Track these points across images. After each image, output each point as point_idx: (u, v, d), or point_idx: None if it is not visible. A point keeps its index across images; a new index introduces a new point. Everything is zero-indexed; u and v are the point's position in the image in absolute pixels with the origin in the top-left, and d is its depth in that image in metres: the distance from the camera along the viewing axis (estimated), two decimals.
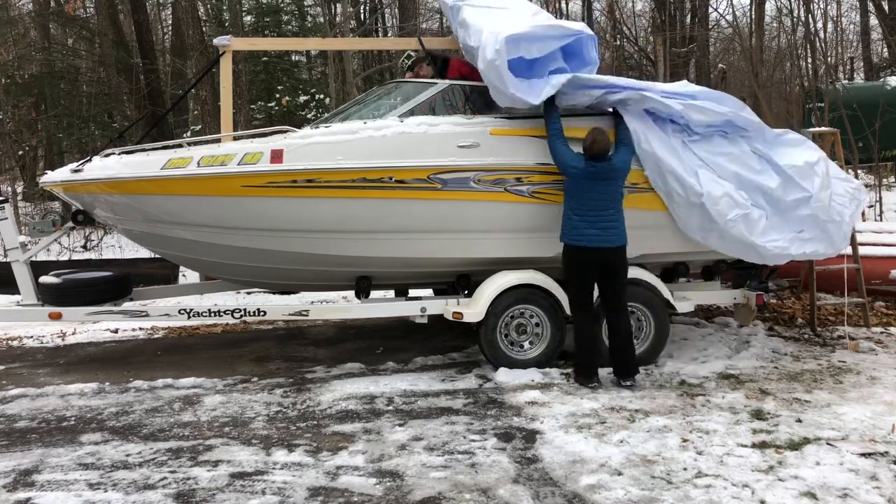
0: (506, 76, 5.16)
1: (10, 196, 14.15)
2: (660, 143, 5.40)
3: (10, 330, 7.68)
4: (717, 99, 5.63)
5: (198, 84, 11.58)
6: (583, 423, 4.36)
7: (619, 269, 5.18)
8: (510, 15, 5.57)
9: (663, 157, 5.37)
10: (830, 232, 5.67)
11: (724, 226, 5.40)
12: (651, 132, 5.42)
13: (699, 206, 5.40)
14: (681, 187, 5.39)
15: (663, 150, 5.39)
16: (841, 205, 5.73)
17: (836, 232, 5.71)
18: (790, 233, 5.61)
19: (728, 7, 27.92)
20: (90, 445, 4.27)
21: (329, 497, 3.52)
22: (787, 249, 5.58)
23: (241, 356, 6.39)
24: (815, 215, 5.57)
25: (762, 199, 5.54)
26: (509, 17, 5.50)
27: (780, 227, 5.58)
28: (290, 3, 17.01)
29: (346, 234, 5.46)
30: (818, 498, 3.36)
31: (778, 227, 5.57)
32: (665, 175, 5.40)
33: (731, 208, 5.39)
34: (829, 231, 5.66)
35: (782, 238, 5.57)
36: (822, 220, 5.60)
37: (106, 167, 5.57)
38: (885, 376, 5.22)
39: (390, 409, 4.79)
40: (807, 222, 5.61)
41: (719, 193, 5.37)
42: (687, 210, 5.47)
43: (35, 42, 16.90)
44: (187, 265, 7.03)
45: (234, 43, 6.32)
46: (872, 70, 20.28)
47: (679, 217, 5.54)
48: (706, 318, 7.23)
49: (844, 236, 5.82)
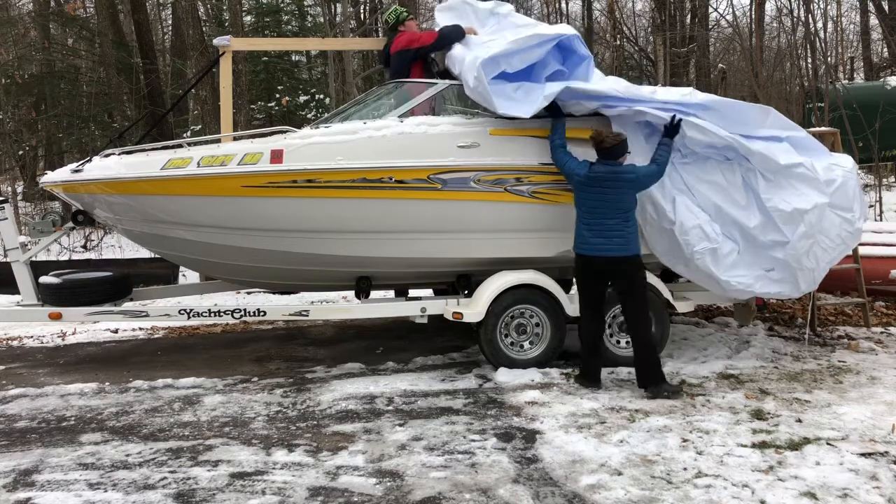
0: (492, 100, 5.24)
1: (10, 196, 14.16)
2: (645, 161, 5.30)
3: (10, 330, 7.68)
4: (736, 111, 5.47)
5: (198, 84, 11.58)
6: (583, 423, 4.36)
7: (623, 280, 5.02)
8: (494, 40, 5.62)
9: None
10: (798, 278, 5.47)
11: (690, 256, 5.33)
12: (641, 148, 5.39)
13: (669, 233, 5.34)
14: (654, 211, 5.35)
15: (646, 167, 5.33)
16: (824, 249, 5.46)
17: (804, 278, 5.48)
18: (759, 270, 5.46)
19: (728, 7, 27.92)
20: (90, 445, 4.27)
21: (329, 497, 3.52)
22: (750, 286, 5.44)
23: (241, 356, 6.39)
24: (786, 261, 5.39)
25: (737, 233, 5.43)
26: (490, 42, 5.56)
27: (749, 264, 5.45)
28: (290, 3, 17.02)
29: (346, 235, 5.46)
30: (818, 498, 3.36)
31: (747, 263, 5.44)
32: (642, 196, 5.24)
33: (699, 240, 5.29)
34: (797, 277, 5.46)
35: (748, 275, 5.42)
36: (793, 267, 5.41)
37: (106, 167, 5.57)
38: (885, 376, 5.22)
39: (390, 409, 4.79)
40: (778, 263, 5.45)
41: (691, 224, 5.28)
42: (657, 233, 5.44)
43: (35, 42, 16.90)
44: (187, 265, 7.03)
45: (234, 43, 6.33)
46: (872, 70, 20.28)
47: (649, 237, 5.50)
48: (706, 318, 7.23)
49: (813, 282, 5.59)
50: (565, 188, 5.44)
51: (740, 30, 14.96)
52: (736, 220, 5.40)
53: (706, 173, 5.46)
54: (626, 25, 21.19)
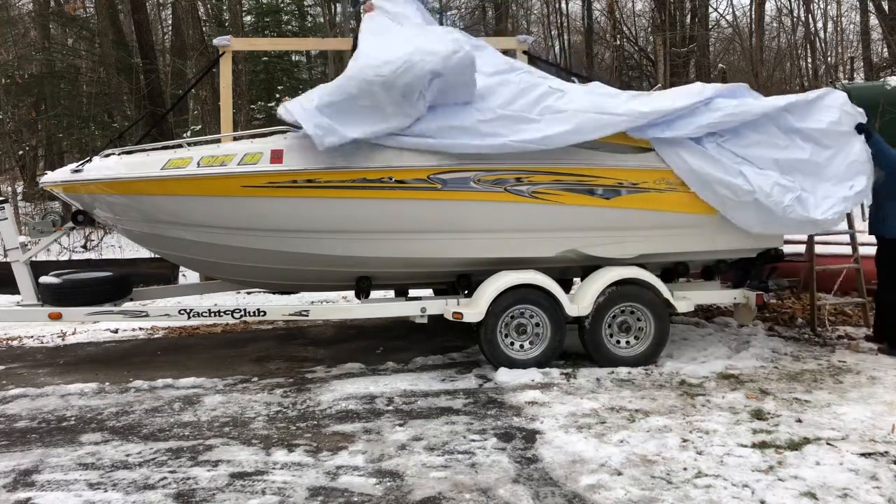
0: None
1: (10, 196, 14.16)
2: (696, 158, 5.47)
3: (10, 330, 7.69)
4: (730, 94, 5.70)
5: (198, 84, 11.59)
6: (583, 423, 4.36)
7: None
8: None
9: (705, 171, 5.45)
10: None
11: (782, 213, 5.49)
12: (684, 148, 5.50)
13: (752, 203, 5.48)
14: (729, 191, 5.46)
15: (701, 163, 5.46)
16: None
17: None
18: (838, 189, 5.65)
19: (728, 7, 27.91)
20: (90, 445, 4.27)
21: (329, 497, 3.52)
22: (844, 207, 5.65)
23: (241, 356, 6.40)
24: (856, 161, 5.66)
25: (800, 172, 5.63)
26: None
27: (827, 190, 5.63)
28: (290, 3, 17.01)
29: (346, 234, 5.46)
30: (818, 498, 3.36)
31: (826, 191, 5.63)
32: (713, 186, 5.47)
33: (784, 194, 5.48)
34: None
35: (834, 198, 5.62)
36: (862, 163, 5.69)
37: (106, 167, 5.58)
38: (885, 376, 5.22)
39: (390, 408, 4.79)
40: (854, 170, 5.67)
41: (769, 185, 5.46)
42: (742, 210, 5.55)
43: (35, 42, 16.92)
44: (187, 265, 7.03)
45: (234, 43, 6.33)
46: (872, 70, 20.27)
47: (736, 219, 5.61)
48: (706, 318, 7.24)
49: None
50: (565, 188, 5.44)
51: (740, 30, 14.98)
52: (793, 160, 5.59)
53: (746, 139, 5.62)
54: (626, 25, 21.19)
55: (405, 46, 5.10)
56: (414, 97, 5.05)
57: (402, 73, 4.93)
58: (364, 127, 5.08)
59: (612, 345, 5.64)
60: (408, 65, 4.94)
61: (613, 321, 5.65)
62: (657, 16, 19.91)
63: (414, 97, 5.05)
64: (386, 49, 5.12)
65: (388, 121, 5.11)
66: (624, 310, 5.65)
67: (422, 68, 4.96)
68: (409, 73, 4.94)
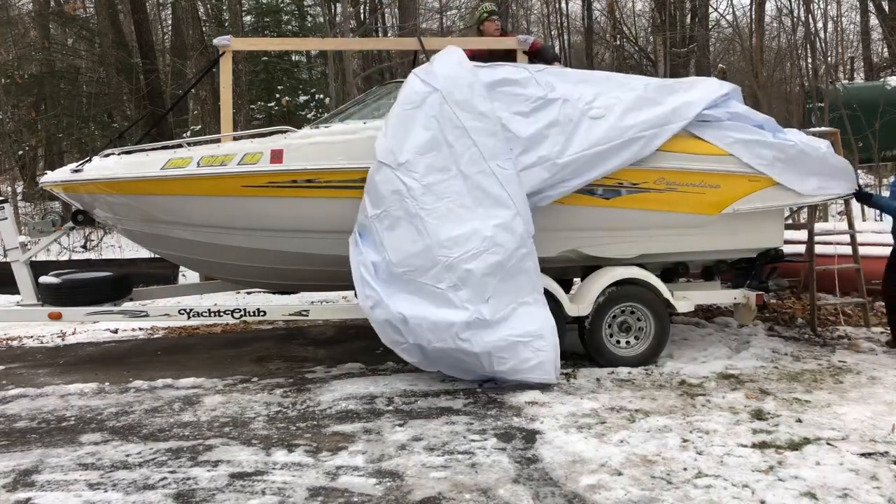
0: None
1: (10, 196, 14.16)
2: (738, 132, 5.64)
3: (10, 330, 7.68)
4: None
5: (198, 84, 11.59)
6: (583, 423, 4.36)
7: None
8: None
9: (750, 138, 5.64)
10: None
11: (822, 157, 5.81)
12: (723, 127, 5.65)
13: (799, 156, 5.69)
14: (777, 150, 5.64)
15: (743, 134, 5.65)
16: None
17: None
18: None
19: (728, 7, 27.90)
20: (90, 445, 4.27)
21: (329, 497, 3.51)
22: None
23: (241, 356, 6.39)
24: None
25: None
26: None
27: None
28: (290, 3, 17.00)
29: (346, 235, 5.45)
30: (818, 498, 3.36)
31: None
32: (759, 150, 5.61)
33: (814, 142, 5.88)
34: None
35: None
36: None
37: (106, 167, 5.58)
38: (885, 376, 5.22)
39: (390, 409, 4.79)
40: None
41: (798, 137, 5.84)
42: (792, 168, 5.69)
43: (35, 42, 16.92)
44: (187, 265, 7.04)
45: (234, 43, 6.32)
46: (872, 70, 20.28)
47: (791, 181, 5.71)
48: (706, 318, 7.23)
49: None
50: None
51: (740, 30, 14.96)
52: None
53: (743, 122, 5.81)
54: (626, 25, 21.19)
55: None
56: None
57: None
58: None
59: (613, 345, 5.64)
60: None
61: (613, 321, 5.65)
62: (657, 16, 19.91)
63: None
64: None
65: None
66: (624, 310, 5.65)
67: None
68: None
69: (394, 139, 5.06)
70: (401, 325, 4.87)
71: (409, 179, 4.94)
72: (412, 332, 4.85)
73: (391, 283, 4.93)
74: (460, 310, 4.82)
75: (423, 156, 5.01)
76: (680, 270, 6.17)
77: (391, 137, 5.07)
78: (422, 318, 4.82)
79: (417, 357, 5.01)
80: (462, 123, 5.07)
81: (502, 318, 4.86)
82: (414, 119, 5.10)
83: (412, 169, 4.96)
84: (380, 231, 4.96)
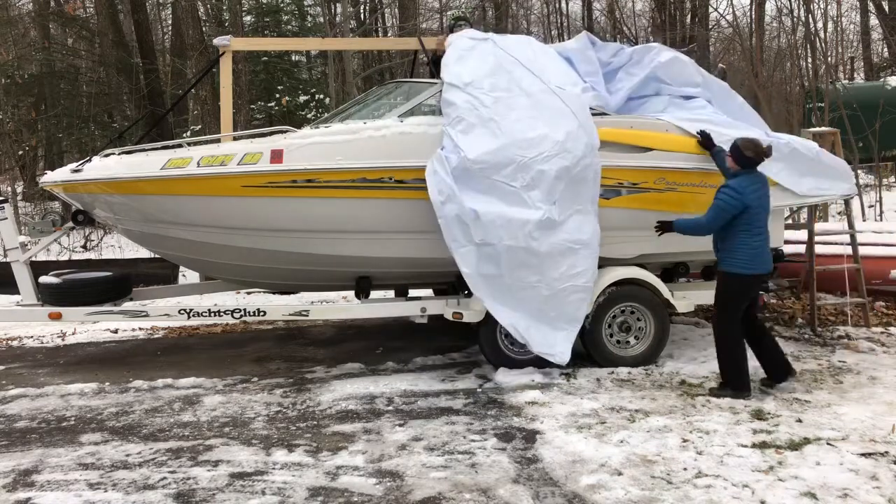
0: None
1: (10, 196, 14.15)
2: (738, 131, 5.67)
3: (10, 330, 7.68)
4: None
5: (198, 84, 11.58)
6: (583, 423, 4.36)
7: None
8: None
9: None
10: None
11: (816, 157, 5.91)
12: (727, 129, 5.76)
13: (791, 155, 5.78)
14: (773, 151, 5.57)
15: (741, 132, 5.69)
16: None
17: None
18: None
19: (728, 7, 27.90)
20: (90, 445, 4.27)
21: (329, 497, 3.52)
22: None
23: (241, 356, 6.39)
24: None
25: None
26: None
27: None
28: (290, 3, 17.00)
29: (345, 234, 5.46)
30: (818, 498, 3.36)
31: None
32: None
33: (808, 141, 6.09)
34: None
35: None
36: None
37: (106, 167, 5.57)
38: (885, 376, 5.22)
39: (390, 409, 4.79)
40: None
41: (789, 137, 6.03)
42: (790, 168, 5.76)
43: (35, 42, 16.91)
44: (187, 265, 7.03)
45: (234, 43, 6.32)
46: (872, 70, 20.29)
47: (791, 182, 5.77)
48: (706, 318, 7.23)
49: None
50: None
51: (740, 30, 14.94)
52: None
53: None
54: (626, 25, 21.17)
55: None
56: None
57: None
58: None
59: (613, 345, 5.64)
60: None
61: (614, 321, 5.65)
62: (657, 16, 19.91)
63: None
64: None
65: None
66: (624, 310, 5.65)
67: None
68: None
69: (456, 66, 5.43)
70: (471, 222, 5.01)
71: (478, 93, 5.29)
72: (484, 228, 5.01)
73: (465, 181, 5.06)
74: (533, 209, 5.08)
75: (487, 78, 5.38)
76: (680, 270, 6.17)
77: (453, 65, 5.43)
78: (496, 215, 5.03)
79: (471, 264, 5.10)
80: (516, 58, 5.56)
81: (563, 222, 5.16)
82: (470, 56, 5.53)
83: (479, 86, 5.33)
84: (454, 136, 5.16)
